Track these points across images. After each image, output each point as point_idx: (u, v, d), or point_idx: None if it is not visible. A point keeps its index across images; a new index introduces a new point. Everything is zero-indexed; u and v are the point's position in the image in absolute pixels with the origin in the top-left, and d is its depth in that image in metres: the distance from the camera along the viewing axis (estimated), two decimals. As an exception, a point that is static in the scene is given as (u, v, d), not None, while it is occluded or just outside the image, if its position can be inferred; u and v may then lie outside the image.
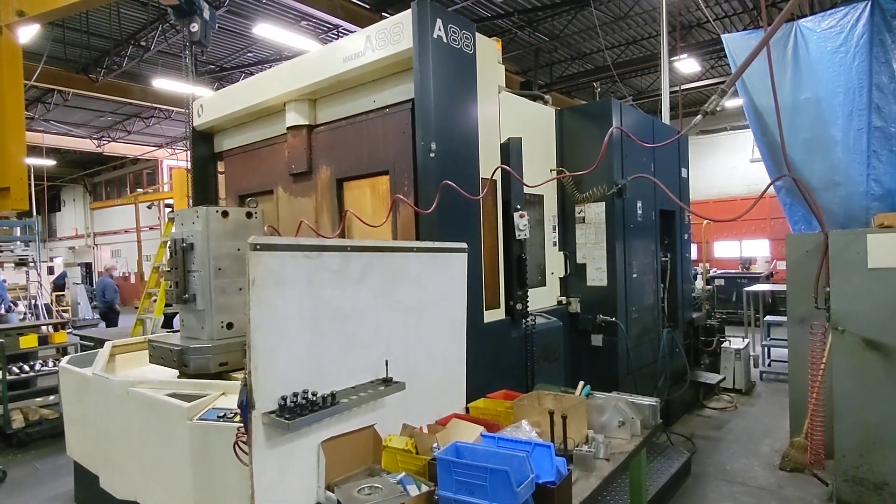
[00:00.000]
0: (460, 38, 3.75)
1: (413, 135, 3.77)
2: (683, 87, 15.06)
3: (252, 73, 13.47)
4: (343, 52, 4.02)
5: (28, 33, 9.27)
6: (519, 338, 4.37)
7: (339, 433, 2.61)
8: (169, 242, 3.81)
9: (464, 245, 3.47)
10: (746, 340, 8.79)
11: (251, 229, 3.94)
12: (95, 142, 21.77)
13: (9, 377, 6.89)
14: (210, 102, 5.48)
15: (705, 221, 9.98)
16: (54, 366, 7.45)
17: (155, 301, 8.00)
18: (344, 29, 11.68)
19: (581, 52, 15.32)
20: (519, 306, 4.33)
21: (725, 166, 19.46)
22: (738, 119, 17.82)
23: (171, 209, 13.55)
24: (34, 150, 20.99)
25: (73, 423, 4.07)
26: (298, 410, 2.35)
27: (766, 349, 9.46)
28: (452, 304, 3.43)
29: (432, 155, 3.50)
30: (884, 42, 6.00)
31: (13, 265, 18.74)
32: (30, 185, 22.86)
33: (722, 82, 15.21)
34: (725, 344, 8.31)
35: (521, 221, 4.25)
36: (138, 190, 25.99)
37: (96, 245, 30.90)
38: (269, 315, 2.34)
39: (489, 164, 4.07)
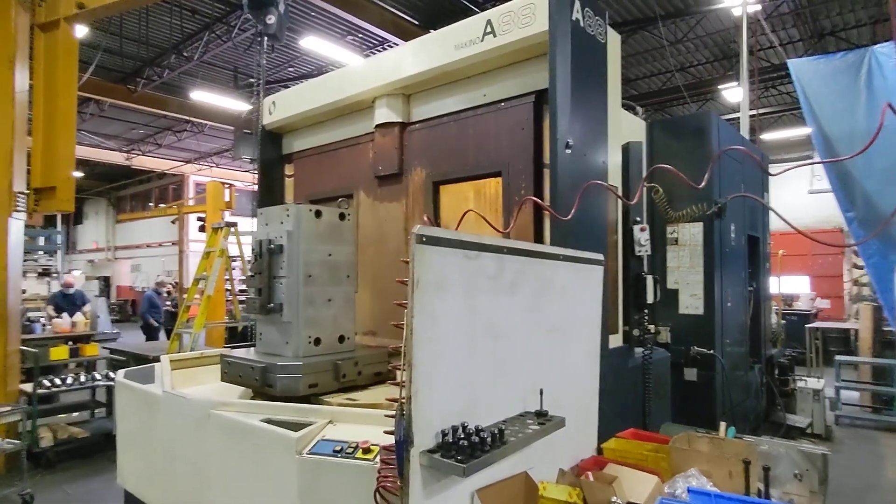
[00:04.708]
0: (595, 24, 3.31)
1: (536, 131, 3.32)
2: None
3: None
4: (455, 39, 3.58)
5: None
6: (635, 368, 3.84)
7: (493, 480, 2.10)
8: (253, 244, 3.35)
9: (601, 256, 2.98)
10: (822, 380, 8.11)
11: (343, 233, 3.49)
12: (125, 155, 21.63)
13: (39, 391, 6.38)
14: (283, 99, 5.05)
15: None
16: (85, 380, 6.94)
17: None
18: (391, 43, 11.41)
19: (625, 77, 15.00)
20: (636, 332, 3.81)
21: (776, 203, 18.74)
22: (788, 151, 17.29)
23: (202, 222, 13.13)
24: (63, 161, 20.89)
25: (129, 447, 3.54)
26: (465, 450, 1.84)
27: (837, 391, 8.79)
28: (590, 325, 2.91)
29: (569, 151, 3.02)
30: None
31: (36, 275, 18.53)
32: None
33: (775, 112, 14.78)
34: (801, 383, 7.67)
35: (643, 235, 3.77)
36: (179, 201, 25.72)
37: (116, 258, 30.63)
38: (430, 326, 1.86)
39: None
